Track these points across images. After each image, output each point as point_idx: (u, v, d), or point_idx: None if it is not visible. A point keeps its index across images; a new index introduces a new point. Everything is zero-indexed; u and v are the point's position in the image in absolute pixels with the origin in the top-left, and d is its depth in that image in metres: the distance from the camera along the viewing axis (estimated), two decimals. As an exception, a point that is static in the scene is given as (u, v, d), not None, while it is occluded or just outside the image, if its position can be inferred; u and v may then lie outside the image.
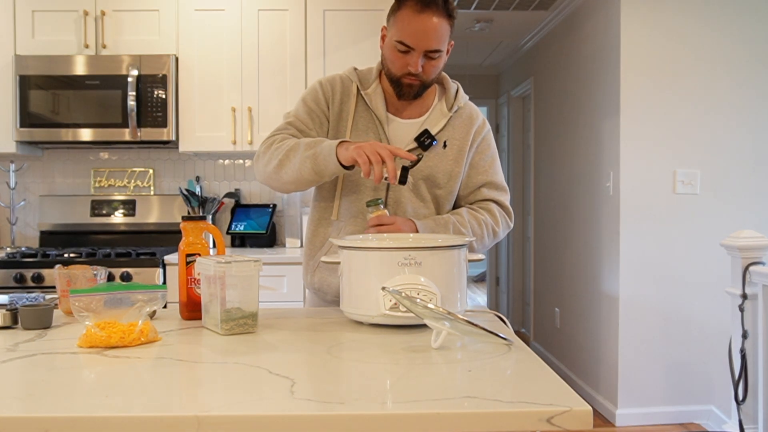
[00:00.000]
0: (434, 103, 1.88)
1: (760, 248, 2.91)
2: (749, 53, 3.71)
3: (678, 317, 3.73)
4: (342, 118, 1.83)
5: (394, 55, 1.74)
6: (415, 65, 1.72)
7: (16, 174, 3.74)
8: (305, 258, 1.92)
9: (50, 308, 1.49)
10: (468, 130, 1.86)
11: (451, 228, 1.78)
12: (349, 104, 1.83)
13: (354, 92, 1.84)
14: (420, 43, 1.71)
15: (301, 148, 1.70)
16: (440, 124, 1.83)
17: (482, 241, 1.83)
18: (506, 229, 1.90)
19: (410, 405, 0.98)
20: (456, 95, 1.87)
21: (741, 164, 3.72)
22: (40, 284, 3.12)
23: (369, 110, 1.83)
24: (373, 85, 1.84)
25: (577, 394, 1.00)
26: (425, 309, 1.27)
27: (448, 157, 1.83)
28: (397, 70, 1.75)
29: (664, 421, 3.73)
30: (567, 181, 4.68)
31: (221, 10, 3.52)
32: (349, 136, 1.80)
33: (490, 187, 1.89)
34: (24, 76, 3.41)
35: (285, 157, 1.72)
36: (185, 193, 3.63)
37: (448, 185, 1.84)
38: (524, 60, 5.91)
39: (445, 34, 1.74)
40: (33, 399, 1.02)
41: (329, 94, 1.84)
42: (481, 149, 1.89)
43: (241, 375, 1.14)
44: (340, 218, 1.83)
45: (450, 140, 1.84)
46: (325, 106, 1.84)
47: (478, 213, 1.84)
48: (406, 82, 1.76)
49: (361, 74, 1.87)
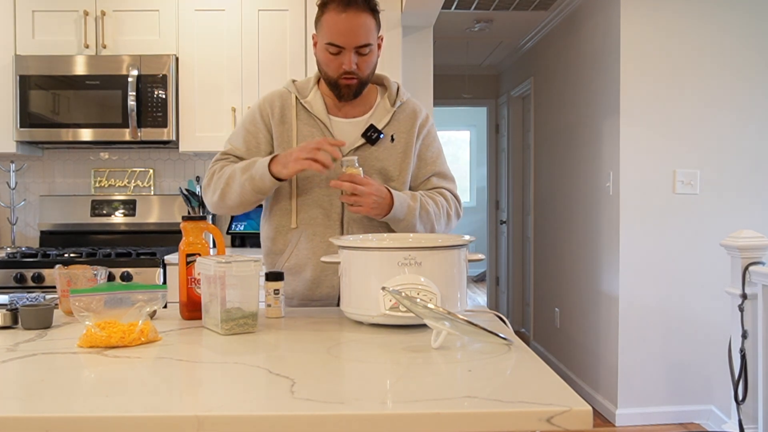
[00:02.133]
0: (377, 101, 1.93)
1: (760, 248, 2.91)
2: (749, 53, 3.71)
3: (678, 317, 3.73)
4: (285, 130, 1.87)
5: (327, 57, 1.80)
6: (349, 63, 1.77)
7: (17, 174, 3.75)
8: (268, 266, 1.93)
9: (50, 308, 1.50)
10: (413, 123, 1.92)
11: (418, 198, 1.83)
12: (290, 115, 1.88)
13: (293, 103, 1.89)
14: (348, 40, 1.76)
15: (237, 174, 1.79)
16: (385, 120, 1.88)
17: (439, 221, 1.88)
18: (457, 217, 1.96)
19: (410, 405, 0.98)
20: (397, 92, 1.93)
21: (741, 164, 3.72)
22: (41, 284, 3.12)
23: (311, 116, 1.88)
24: (312, 92, 1.89)
25: (577, 394, 1.01)
26: (425, 309, 1.27)
27: (397, 150, 1.89)
28: (332, 72, 1.80)
29: (664, 421, 3.73)
30: (567, 181, 4.68)
31: (221, 10, 3.52)
32: (296, 144, 1.84)
33: (439, 176, 1.96)
34: (24, 76, 3.41)
35: (226, 185, 1.82)
36: (185, 193, 3.63)
37: (400, 177, 1.89)
38: (524, 60, 5.91)
39: (371, 28, 1.79)
40: (33, 399, 1.02)
41: (267, 112, 1.89)
42: (427, 142, 1.95)
43: (241, 375, 1.14)
44: (299, 226, 1.86)
45: (396, 134, 1.89)
46: (263, 125, 1.89)
47: (435, 196, 1.91)
48: (343, 83, 1.81)
49: (299, 85, 1.92)
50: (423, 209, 1.82)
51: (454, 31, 5.28)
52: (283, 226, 1.88)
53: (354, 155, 1.80)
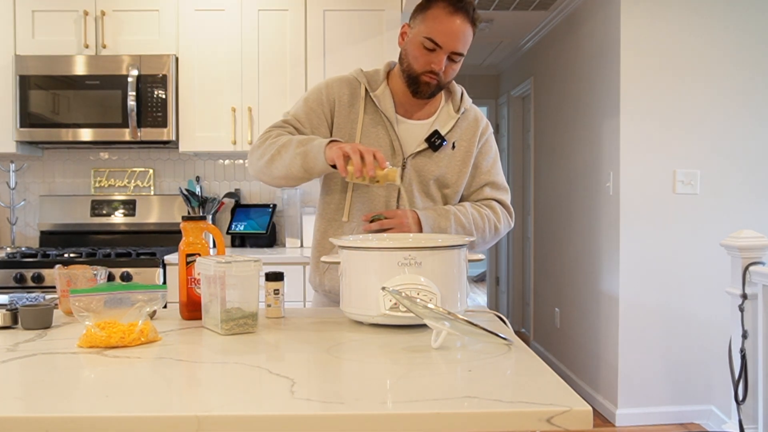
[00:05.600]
0: (441, 105, 1.90)
1: (760, 248, 2.91)
2: (750, 53, 3.71)
3: (678, 317, 3.73)
4: (350, 120, 1.84)
5: (419, 51, 1.76)
6: (440, 63, 1.75)
7: (16, 174, 3.75)
8: (313, 260, 1.91)
9: (50, 308, 1.49)
10: (474, 131, 1.90)
11: (452, 218, 1.80)
12: (358, 106, 1.84)
13: (362, 94, 1.85)
14: (449, 42, 1.74)
15: (293, 144, 1.72)
16: (448, 126, 1.86)
17: (483, 235, 1.86)
18: (507, 226, 1.94)
19: (410, 405, 0.98)
20: (462, 98, 1.91)
21: (741, 164, 3.72)
22: (40, 284, 3.12)
23: (378, 111, 1.84)
24: (382, 86, 1.85)
25: (577, 394, 1.00)
26: (425, 309, 1.27)
27: (457, 158, 1.87)
28: (419, 67, 1.77)
29: (664, 421, 3.73)
30: (567, 181, 4.68)
31: (221, 10, 3.52)
32: (359, 137, 1.82)
33: (492, 187, 1.93)
34: (24, 76, 3.41)
35: (277, 152, 1.74)
36: (185, 193, 3.63)
37: (455, 185, 1.88)
38: (524, 60, 5.91)
39: (470, 39, 1.78)
40: (33, 399, 1.02)
41: (335, 96, 1.85)
42: (484, 150, 1.93)
43: (241, 375, 1.14)
44: (351, 219, 1.84)
45: (458, 141, 1.87)
46: (328, 108, 1.85)
47: (481, 208, 1.88)
48: (424, 80, 1.77)
49: (369, 75, 1.88)
50: (458, 224, 1.80)
51: (454, 31, 5.27)
52: (335, 220, 1.86)
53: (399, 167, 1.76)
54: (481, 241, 1.86)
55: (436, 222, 1.78)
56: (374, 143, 1.82)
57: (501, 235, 1.92)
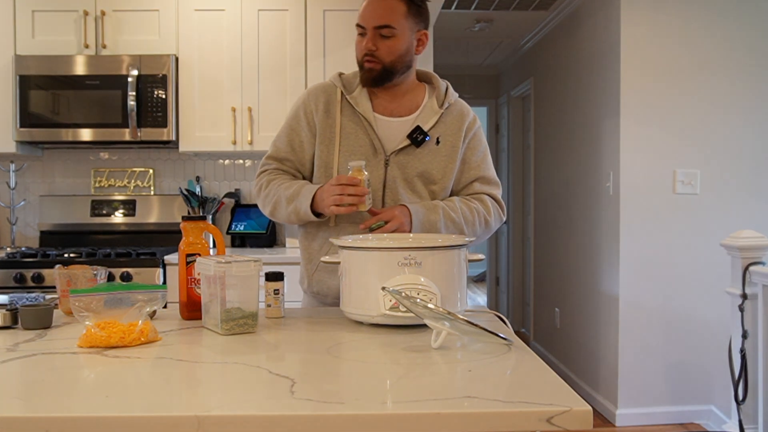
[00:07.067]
0: (425, 101, 1.90)
1: (760, 248, 2.91)
2: (749, 53, 3.71)
3: (678, 317, 3.73)
4: (329, 125, 1.85)
5: (356, 41, 1.82)
6: (367, 42, 1.77)
7: (16, 174, 3.74)
8: (303, 262, 1.92)
9: (50, 308, 1.49)
10: (460, 126, 1.89)
11: (440, 212, 1.80)
12: (335, 110, 1.85)
13: (338, 98, 1.86)
14: (368, 19, 1.77)
15: (283, 204, 1.82)
16: (432, 121, 1.85)
17: (474, 228, 1.85)
18: (498, 220, 1.92)
19: (410, 405, 0.98)
20: (446, 92, 1.90)
21: (741, 164, 3.72)
22: (40, 284, 3.12)
23: (356, 113, 1.85)
24: (358, 88, 1.86)
25: (577, 394, 1.00)
26: (425, 309, 1.27)
27: (442, 153, 1.85)
28: (358, 54, 1.81)
29: (664, 421, 3.73)
30: (567, 181, 4.68)
31: (221, 10, 3.51)
32: (338, 140, 1.83)
33: (482, 181, 1.92)
34: (24, 76, 3.41)
35: (273, 208, 1.85)
36: (185, 193, 3.63)
37: (442, 181, 1.86)
38: (524, 60, 5.91)
39: (397, 12, 1.78)
40: (33, 399, 1.02)
41: (311, 108, 1.87)
42: (472, 145, 1.92)
43: (241, 375, 1.14)
44: (338, 224, 1.84)
45: (443, 136, 1.86)
46: (306, 122, 1.87)
47: (470, 201, 1.87)
48: (366, 66, 1.80)
49: (345, 79, 1.89)
50: (448, 218, 1.80)
51: (454, 31, 5.28)
52: (323, 224, 1.86)
53: (363, 160, 1.76)
54: (472, 234, 1.85)
55: (426, 216, 1.78)
56: (354, 144, 1.82)
57: (492, 229, 1.91)
